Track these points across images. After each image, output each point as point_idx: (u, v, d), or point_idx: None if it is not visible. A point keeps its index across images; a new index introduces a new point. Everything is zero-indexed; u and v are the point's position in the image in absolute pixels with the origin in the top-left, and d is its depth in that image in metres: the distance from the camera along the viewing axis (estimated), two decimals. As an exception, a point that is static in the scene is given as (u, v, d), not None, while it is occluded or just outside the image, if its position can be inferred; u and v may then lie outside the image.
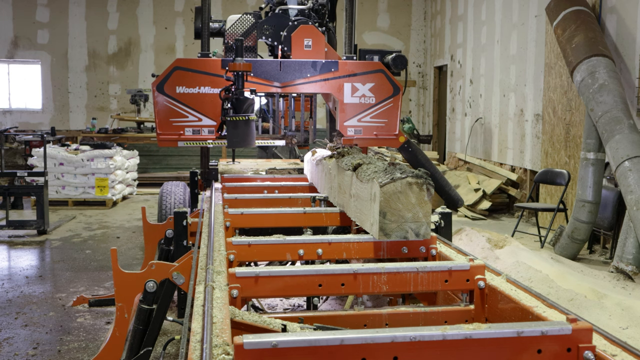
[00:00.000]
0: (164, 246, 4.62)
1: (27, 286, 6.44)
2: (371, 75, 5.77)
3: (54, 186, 11.12)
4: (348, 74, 5.73)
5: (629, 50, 7.59)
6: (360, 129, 5.76)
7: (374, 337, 1.90)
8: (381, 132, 5.81)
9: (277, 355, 1.83)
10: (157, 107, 5.46)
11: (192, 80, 5.48)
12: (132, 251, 7.99)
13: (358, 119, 5.75)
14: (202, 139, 5.52)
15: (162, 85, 5.45)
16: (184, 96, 5.48)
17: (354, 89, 5.72)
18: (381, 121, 5.80)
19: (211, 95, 5.50)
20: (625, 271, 6.32)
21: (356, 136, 5.75)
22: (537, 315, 2.33)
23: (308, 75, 5.67)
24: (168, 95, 5.45)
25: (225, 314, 2.20)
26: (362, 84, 5.73)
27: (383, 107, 5.79)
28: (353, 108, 5.75)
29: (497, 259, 6.50)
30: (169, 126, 5.47)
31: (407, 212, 2.95)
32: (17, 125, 15.15)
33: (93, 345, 4.80)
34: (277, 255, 3.36)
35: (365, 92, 5.73)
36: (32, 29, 15.91)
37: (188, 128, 5.49)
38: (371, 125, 5.77)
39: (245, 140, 4.78)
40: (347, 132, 5.77)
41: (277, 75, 5.62)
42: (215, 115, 5.50)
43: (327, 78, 5.71)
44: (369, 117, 5.76)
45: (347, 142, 5.71)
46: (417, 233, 2.99)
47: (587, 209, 7.34)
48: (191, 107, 5.48)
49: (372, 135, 5.80)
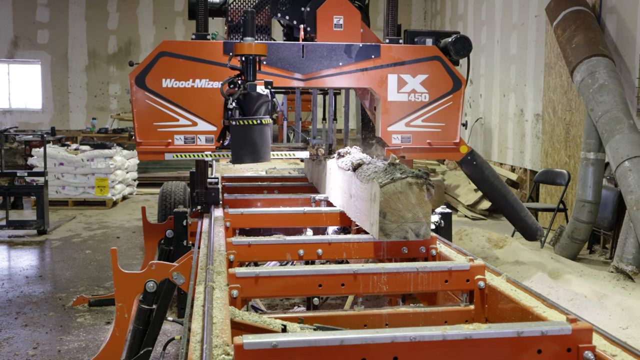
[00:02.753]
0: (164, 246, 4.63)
1: (27, 286, 6.44)
2: (424, 64, 4.50)
3: (54, 186, 11.12)
4: (394, 62, 4.44)
5: (629, 50, 7.59)
6: (409, 135, 4.49)
7: (374, 337, 1.90)
8: (437, 139, 4.55)
9: (277, 355, 1.83)
10: (136, 106, 4.14)
11: (185, 71, 4.19)
12: (132, 251, 7.99)
13: (406, 123, 4.50)
14: (197, 150, 4.21)
15: (144, 76, 4.15)
16: (173, 92, 4.18)
17: (402, 83, 4.46)
18: (437, 125, 4.54)
19: (210, 90, 4.23)
20: (625, 271, 6.32)
21: (404, 145, 4.49)
22: (537, 315, 2.33)
23: (340, 64, 4.39)
24: (151, 91, 4.15)
25: (225, 314, 2.20)
26: (412, 75, 4.46)
27: (440, 106, 4.53)
28: (400, 108, 4.49)
29: (497, 259, 6.50)
30: (152, 132, 4.17)
31: (407, 212, 2.95)
32: (17, 125, 15.15)
33: (93, 345, 4.79)
34: (277, 255, 3.36)
35: (416, 87, 4.48)
36: (32, 29, 15.91)
37: (179, 135, 4.17)
38: (423, 130, 4.51)
39: (257, 152, 3.50)
40: (391, 140, 4.51)
41: (299, 64, 4.35)
42: (215, 118, 4.24)
43: (365, 68, 4.42)
44: (420, 120, 4.51)
45: (392, 152, 4.48)
46: (417, 233, 2.99)
47: (587, 209, 7.34)
48: (183, 107, 4.20)
49: (425, 144, 4.53)
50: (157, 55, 4.19)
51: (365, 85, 4.49)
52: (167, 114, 4.18)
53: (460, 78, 4.55)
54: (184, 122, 4.20)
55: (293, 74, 4.38)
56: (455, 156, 4.69)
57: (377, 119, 4.60)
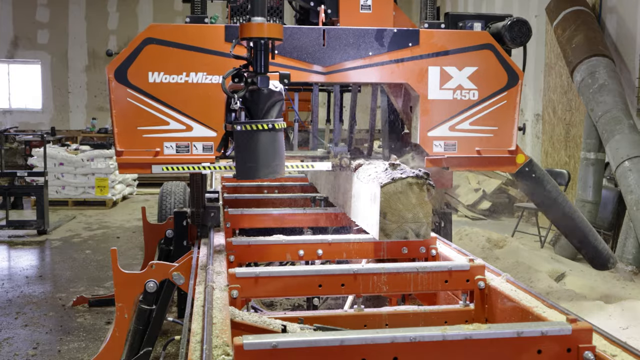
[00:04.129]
0: (164, 246, 4.63)
1: (27, 286, 6.44)
2: (473, 54, 3.70)
3: (54, 186, 11.12)
4: (436, 52, 3.67)
5: (629, 50, 7.59)
6: (454, 142, 3.72)
7: (374, 337, 1.90)
8: (487, 147, 3.76)
9: (277, 355, 1.83)
10: (115, 107, 3.38)
11: (177, 62, 3.41)
12: (132, 251, 7.99)
13: (451, 126, 3.71)
14: (192, 161, 3.45)
15: (125, 69, 3.37)
16: (163, 89, 3.39)
17: (445, 77, 3.68)
18: (488, 129, 3.74)
19: (208, 87, 3.43)
20: (625, 271, 6.33)
21: (448, 154, 3.72)
22: (537, 315, 2.33)
23: (369, 54, 3.61)
24: (135, 87, 3.37)
25: (225, 315, 2.20)
26: (457, 68, 3.68)
27: (491, 105, 3.74)
28: (443, 108, 3.69)
29: (497, 259, 6.50)
30: (136, 139, 3.39)
31: (407, 212, 2.95)
32: (17, 125, 15.15)
33: (93, 345, 4.80)
34: (277, 255, 3.36)
35: (462, 82, 3.69)
36: (32, 29, 15.91)
37: (169, 143, 3.41)
38: (471, 136, 3.72)
39: (269, 165, 2.88)
40: (432, 147, 3.72)
41: (319, 54, 3.56)
42: (215, 121, 3.43)
43: (401, 58, 3.62)
44: (467, 123, 3.72)
45: (432, 164, 3.74)
46: (418, 233, 2.99)
47: (587, 209, 7.34)
48: (174, 108, 3.41)
49: (473, 153, 3.74)
50: (142, 42, 3.37)
51: (401, 80, 3.66)
52: (155, 116, 3.39)
53: (516, 71, 3.78)
54: (175, 126, 3.40)
55: (312, 66, 3.54)
56: (511, 167, 3.87)
57: (414, 121, 3.75)
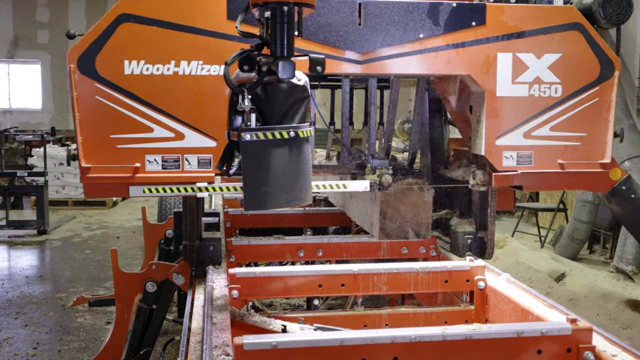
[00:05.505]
0: (164, 246, 4.62)
1: (27, 286, 6.44)
2: (556, 37, 2.85)
3: (54, 186, 11.12)
4: (507, 34, 2.82)
5: (629, 50, 7.59)
6: (530, 153, 2.87)
7: (374, 337, 1.91)
8: (573, 159, 2.90)
9: (277, 355, 1.83)
10: (80, 107, 2.54)
11: (162, 47, 2.57)
12: (132, 251, 7.99)
13: (525, 133, 2.86)
14: (184, 181, 2.61)
15: (92, 57, 2.53)
16: (143, 83, 2.56)
17: (519, 67, 2.84)
18: (574, 136, 2.90)
19: (205, 80, 2.58)
20: (625, 271, 6.33)
21: (522, 168, 2.87)
22: (537, 315, 2.33)
23: (419, 36, 2.76)
24: (105, 81, 2.53)
25: (225, 315, 2.20)
26: (535, 55, 2.84)
27: (579, 105, 2.89)
28: (516, 108, 2.85)
29: (497, 259, 6.51)
30: (107, 151, 2.57)
31: (407, 212, 2.95)
32: (17, 125, 15.14)
33: (93, 345, 4.80)
34: (277, 255, 3.36)
35: (542, 74, 2.85)
36: (32, 29, 15.91)
37: (153, 156, 2.58)
38: (553, 144, 2.89)
39: (291, 189, 2.16)
40: (501, 160, 2.87)
41: (353, 37, 2.71)
42: (214, 127, 2.60)
43: (461, 42, 2.79)
44: (547, 129, 2.87)
45: (502, 181, 2.89)
46: (418, 233, 3.00)
47: (587, 209, 7.34)
48: (160, 109, 2.56)
49: (555, 167, 2.90)
50: (115, 20, 2.53)
51: (462, 72, 2.83)
52: (134, 119, 2.55)
53: (612, 58, 2.89)
54: (162, 133, 2.57)
55: (343, 53, 2.71)
56: (603, 186, 3.00)
57: (475, 126, 2.93)
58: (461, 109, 3.16)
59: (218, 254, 2.97)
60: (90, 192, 2.62)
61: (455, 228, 3.22)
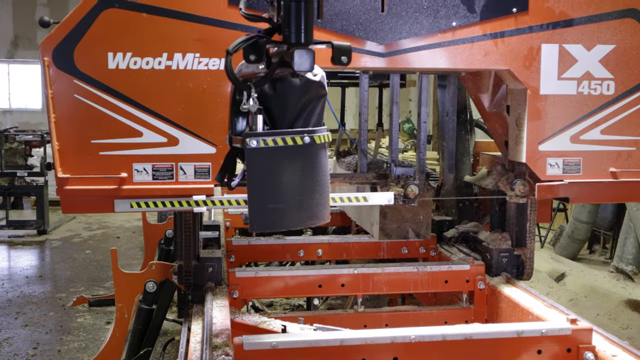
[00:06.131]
0: (164, 246, 4.62)
1: (27, 286, 6.44)
2: (610, 26, 2.53)
3: (54, 186, 11.07)
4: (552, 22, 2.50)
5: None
6: (579, 159, 2.57)
7: (374, 337, 1.91)
8: (627, 167, 2.60)
9: (277, 355, 1.83)
10: (55, 107, 2.25)
11: (152, 37, 2.25)
12: (132, 251, 7.99)
13: (573, 136, 2.56)
14: (178, 193, 2.31)
15: (70, 49, 2.21)
16: (130, 79, 2.25)
17: (566, 61, 2.53)
18: (629, 140, 2.59)
19: (202, 75, 2.28)
20: (625, 271, 6.33)
21: (569, 177, 2.57)
22: (537, 315, 2.33)
23: (452, 25, 2.44)
24: (85, 77, 2.23)
25: (225, 315, 2.20)
26: (585, 46, 2.52)
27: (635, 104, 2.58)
28: (562, 108, 2.55)
29: (497, 259, 6.50)
30: (88, 159, 2.27)
31: (407, 212, 2.95)
32: (17, 125, 15.14)
33: (93, 345, 4.80)
34: (277, 255, 3.36)
35: (592, 68, 2.54)
36: (32, 29, 15.91)
37: (142, 164, 2.28)
38: (604, 149, 2.58)
39: (305, 205, 1.84)
40: (545, 167, 2.56)
41: (375, 25, 2.38)
42: (212, 131, 2.32)
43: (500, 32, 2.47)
44: (597, 132, 2.57)
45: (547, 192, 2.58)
46: (418, 233, 2.99)
47: (587, 209, 7.34)
48: (150, 110, 2.26)
49: (607, 176, 2.59)
50: (97, 6, 2.20)
51: (501, 66, 2.51)
52: (120, 122, 2.24)
53: None
54: (152, 137, 2.26)
55: (364, 44, 2.38)
56: None
57: (516, 129, 2.62)
58: (496, 109, 2.83)
59: (218, 276, 2.59)
60: (68, 206, 2.30)
61: (488, 244, 2.87)
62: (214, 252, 2.71)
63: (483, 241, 2.96)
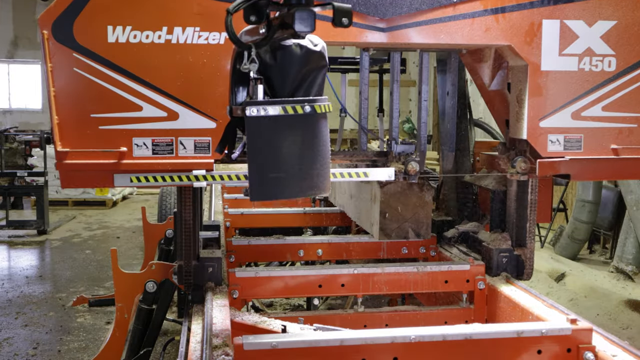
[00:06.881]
0: (164, 246, 4.62)
1: (27, 286, 6.44)
2: (612, 1, 2.53)
3: (54, 186, 11.09)
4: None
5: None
6: (580, 136, 2.57)
7: (374, 337, 1.91)
8: (629, 144, 2.60)
9: (277, 355, 1.83)
10: (55, 81, 2.23)
11: (152, 10, 2.24)
12: (132, 251, 7.99)
13: (574, 113, 2.56)
14: (178, 168, 2.30)
15: (69, 22, 2.20)
16: (130, 53, 2.23)
17: (567, 37, 2.52)
18: (630, 116, 2.59)
19: (202, 49, 2.26)
20: (625, 271, 6.33)
21: (570, 153, 2.57)
22: (537, 315, 2.33)
23: (453, 0, 2.45)
24: (85, 51, 2.22)
25: (225, 315, 2.20)
26: (586, 22, 2.51)
27: (637, 81, 2.57)
28: (564, 85, 2.54)
29: (497, 259, 6.50)
30: (87, 133, 2.25)
31: (407, 212, 2.95)
32: (17, 125, 15.14)
33: (93, 345, 4.80)
34: (277, 255, 3.36)
35: (593, 44, 2.53)
36: (32, 29, 15.90)
37: (142, 138, 2.27)
38: (605, 126, 2.58)
39: (306, 176, 1.83)
40: (546, 144, 2.57)
41: (377, 1, 2.39)
42: (212, 104, 2.29)
43: (501, 7, 2.47)
44: (599, 109, 2.57)
45: (548, 169, 2.60)
46: (418, 233, 2.99)
47: (587, 208, 7.34)
48: (149, 83, 2.25)
49: (608, 153, 2.59)
50: None
51: (502, 42, 2.50)
52: (120, 96, 2.24)
53: None
54: (152, 112, 2.26)
55: (365, 19, 2.39)
56: None
57: (517, 106, 2.63)
58: (497, 87, 2.82)
59: (218, 276, 2.60)
60: (68, 181, 2.27)
61: (488, 244, 2.89)
62: (214, 252, 2.72)
63: (483, 241, 2.99)
